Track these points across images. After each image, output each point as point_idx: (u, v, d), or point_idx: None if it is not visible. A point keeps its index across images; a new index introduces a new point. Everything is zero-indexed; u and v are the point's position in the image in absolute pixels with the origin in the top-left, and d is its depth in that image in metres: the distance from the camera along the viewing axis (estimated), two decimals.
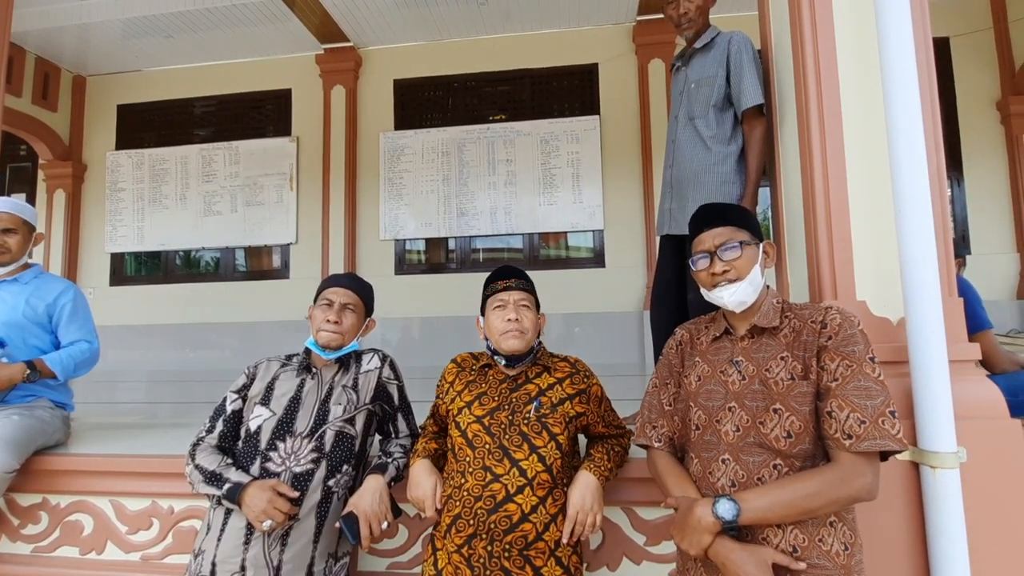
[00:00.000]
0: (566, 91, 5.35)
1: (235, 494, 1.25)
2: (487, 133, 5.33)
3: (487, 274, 1.47)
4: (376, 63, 5.58)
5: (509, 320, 1.33)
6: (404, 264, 5.54)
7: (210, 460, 1.33)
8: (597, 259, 5.18)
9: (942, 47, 4.63)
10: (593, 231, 5.19)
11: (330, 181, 5.47)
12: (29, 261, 1.96)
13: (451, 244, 5.48)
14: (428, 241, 5.50)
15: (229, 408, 1.44)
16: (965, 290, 1.96)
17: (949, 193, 4.34)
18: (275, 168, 5.62)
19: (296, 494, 1.29)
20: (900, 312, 1.43)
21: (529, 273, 1.48)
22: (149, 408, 4.58)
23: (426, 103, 5.57)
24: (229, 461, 1.34)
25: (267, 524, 1.22)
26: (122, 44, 5.53)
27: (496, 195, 5.28)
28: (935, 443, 1.28)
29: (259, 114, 5.80)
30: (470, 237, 5.39)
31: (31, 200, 6.06)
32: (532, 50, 5.32)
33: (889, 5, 1.38)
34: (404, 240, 5.50)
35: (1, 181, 6.20)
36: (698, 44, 1.89)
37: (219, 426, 1.41)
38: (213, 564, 1.25)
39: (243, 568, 1.23)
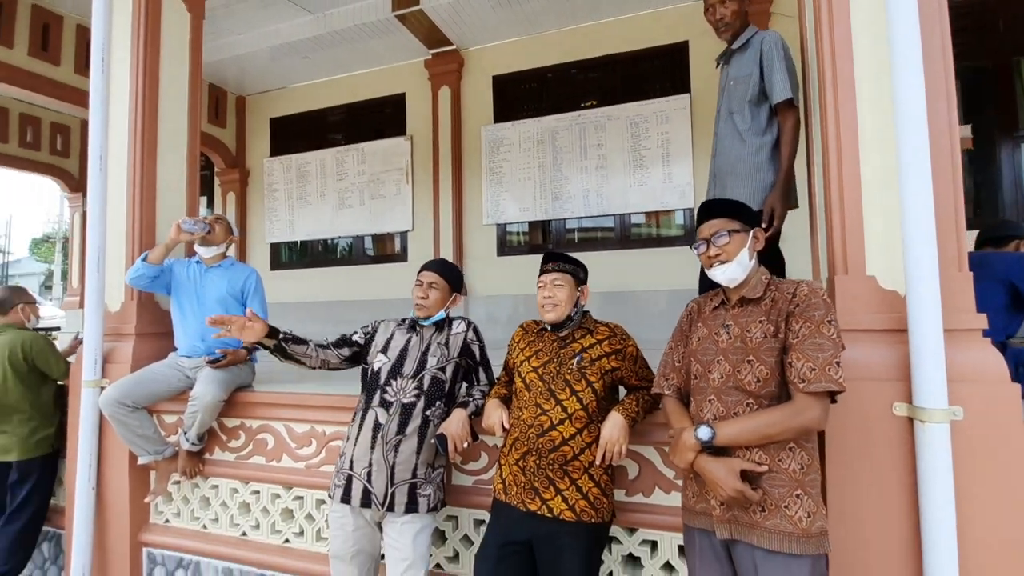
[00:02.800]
0: (656, 72, 5.43)
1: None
2: (579, 120, 5.61)
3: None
4: (476, 62, 6.08)
5: (545, 297, 1.73)
6: (505, 246, 6.05)
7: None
8: (688, 237, 5.26)
9: None
10: (684, 210, 5.28)
11: (439, 173, 6.12)
12: (226, 253, 2.73)
13: (547, 227, 5.88)
14: (526, 224, 5.96)
15: (352, 337, 2.04)
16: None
17: None
18: (394, 165, 6.41)
19: None
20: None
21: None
22: (297, 369, 5.64)
23: (522, 95, 5.97)
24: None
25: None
26: (270, 67, 6.58)
27: (588, 179, 5.57)
28: (924, 400, 1.46)
29: (379, 117, 6.61)
30: (564, 219, 5.75)
31: (210, 202, 7.53)
32: (622, 34, 5.47)
33: None
34: (505, 224, 6.01)
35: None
36: (735, 45, 2.08)
37: (334, 337, 2.03)
38: (351, 461, 1.82)
39: (370, 465, 1.79)
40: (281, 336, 1.91)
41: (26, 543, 2.74)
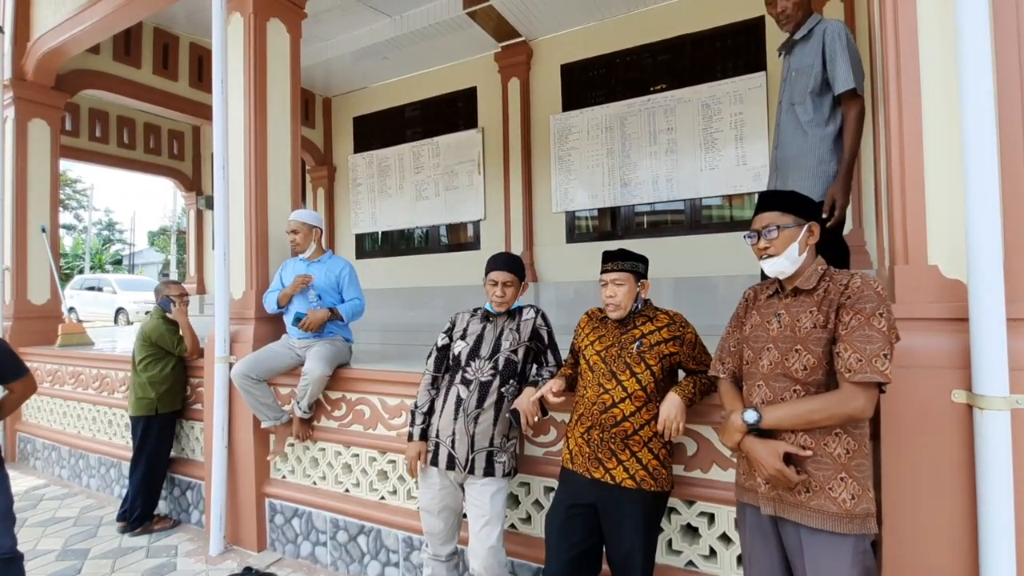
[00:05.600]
0: (729, 51, 5.30)
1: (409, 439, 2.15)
2: (647, 104, 5.60)
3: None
4: (545, 52, 6.19)
5: (608, 297, 1.88)
6: (575, 233, 6.18)
7: (421, 398, 2.21)
8: None
9: None
10: (759, 192, 5.15)
11: (510, 163, 6.33)
12: (324, 247, 3.10)
13: (616, 213, 5.93)
14: (595, 211, 6.04)
15: (440, 343, 2.27)
16: None
17: None
18: (466, 156, 6.70)
19: None
20: None
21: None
22: (384, 350, 6.13)
23: (590, 83, 6.02)
24: (424, 410, 2.19)
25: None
26: (353, 68, 7.05)
27: (657, 164, 5.56)
28: (984, 387, 1.49)
29: (452, 111, 6.91)
30: (633, 205, 5.78)
31: (303, 198, 8.21)
32: (692, 14, 5.36)
33: None
34: (574, 212, 6.13)
35: None
36: (797, 36, 2.08)
37: (434, 352, 2.26)
38: (438, 430, 2.10)
39: (453, 434, 2.05)
40: (425, 427, 2.20)
41: (146, 486, 3.30)
